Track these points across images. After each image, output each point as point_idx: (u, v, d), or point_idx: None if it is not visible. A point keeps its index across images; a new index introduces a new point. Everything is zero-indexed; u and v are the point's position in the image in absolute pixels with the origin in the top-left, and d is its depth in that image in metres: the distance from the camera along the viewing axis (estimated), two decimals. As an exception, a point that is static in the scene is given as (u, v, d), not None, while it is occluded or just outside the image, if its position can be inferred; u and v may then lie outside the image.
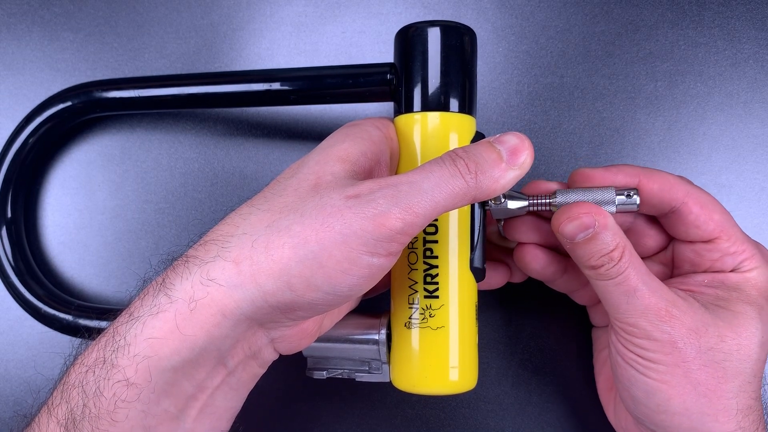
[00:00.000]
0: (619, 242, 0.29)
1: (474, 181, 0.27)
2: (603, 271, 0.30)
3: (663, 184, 0.32)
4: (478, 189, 0.27)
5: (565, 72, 0.40)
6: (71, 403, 0.27)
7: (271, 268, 0.26)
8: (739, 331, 0.30)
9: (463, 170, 0.27)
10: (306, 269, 0.26)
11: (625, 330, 0.30)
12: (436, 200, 0.26)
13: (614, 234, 0.29)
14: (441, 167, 0.27)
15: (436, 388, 0.32)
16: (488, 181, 0.27)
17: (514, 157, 0.28)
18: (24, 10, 0.44)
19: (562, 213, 0.30)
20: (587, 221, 0.29)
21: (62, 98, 0.40)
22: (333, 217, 0.26)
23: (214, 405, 0.29)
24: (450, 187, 0.26)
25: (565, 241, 0.30)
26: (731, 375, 0.29)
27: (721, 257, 0.32)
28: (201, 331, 0.26)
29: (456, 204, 0.27)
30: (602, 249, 0.29)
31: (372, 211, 0.25)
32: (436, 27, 0.32)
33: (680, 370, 0.29)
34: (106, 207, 0.43)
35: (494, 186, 0.27)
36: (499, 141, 0.28)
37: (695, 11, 0.39)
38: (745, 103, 0.39)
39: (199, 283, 0.26)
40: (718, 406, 0.29)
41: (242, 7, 0.42)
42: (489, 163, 0.27)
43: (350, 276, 0.26)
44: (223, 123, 0.42)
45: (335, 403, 0.40)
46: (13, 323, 0.43)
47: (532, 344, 0.40)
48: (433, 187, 0.26)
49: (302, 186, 0.28)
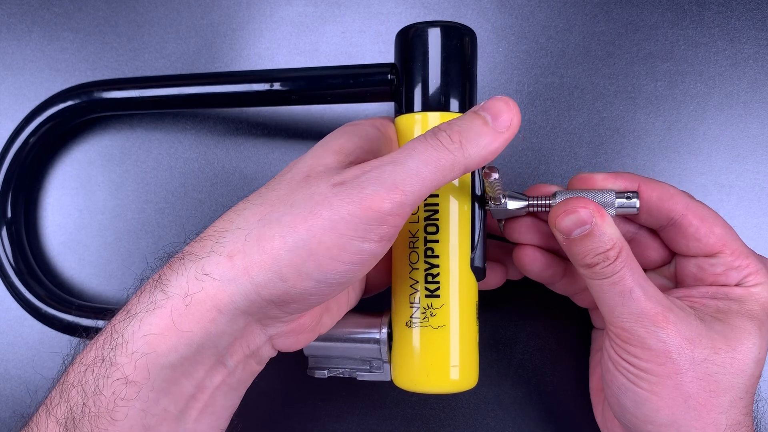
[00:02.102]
0: (616, 242, 0.29)
1: (460, 150, 0.26)
2: (598, 270, 0.29)
3: (662, 194, 0.32)
4: (467, 158, 0.27)
5: (565, 72, 0.40)
6: (70, 402, 0.27)
7: (263, 260, 0.26)
8: (733, 345, 0.29)
9: (446, 141, 0.26)
10: (296, 257, 0.26)
11: (620, 336, 0.30)
12: (423, 176, 0.26)
13: (612, 232, 0.29)
14: (423, 142, 0.27)
15: (438, 387, 0.32)
16: (476, 148, 0.27)
17: (500, 121, 0.27)
18: (24, 10, 0.44)
19: (559, 207, 0.30)
20: (585, 216, 0.29)
21: (62, 98, 0.40)
22: (320, 204, 0.26)
23: (214, 405, 0.29)
24: (435, 160, 0.26)
25: (562, 237, 0.30)
26: (723, 389, 0.29)
27: (725, 271, 0.31)
28: (197, 326, 0.26)
29: (446, 177, 0.26)
30: (598, 247, 0.29)
31: (358, 195, 0.25)
32: (437, 27, 0.32)
33: (672, 381, 0.29)
34: (106, 207, 0.43)
35: (483, 152, 0.27)
36: (483, 108, 0.28)
37: (695, 11, 0.40)
38: (745, 103, 0.39)
39: (194, 278, 0.26)
40: (707, 420, 0.29)
41: (242, 7, 0.42)
42: (474, 131, 0.27)
43: (341, 262, 0.26)
44: (223, 123, 0.42)
45: (335, 403, 0.40)
46: (12, 323, 0.43)
47: (532, 344, 0.40)
48: (417, 163, 0.26)
49: (295, 179, 0.28)
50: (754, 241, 0.34)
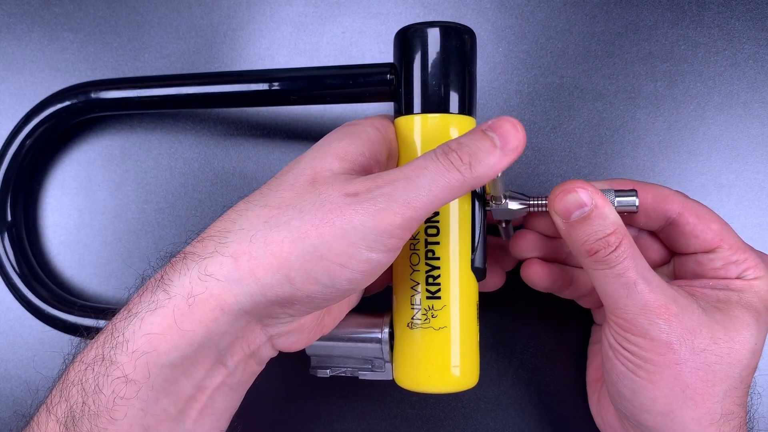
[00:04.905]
0: (617, 228, 0.29)
1: (469, 171, 0.27)
2: (600, 257, 0.29)
3: (657, 195, 0.32)
4: (475, 178, 0.27)
5: (565, 72, 0.40)
6: (70, 401, 0.27)
7: (271, 262, 0.26)
8: (732, 335, 0.29)
9: (456, 163, 0.27)
10: (306, 262, 0.26)
11: (622, 326, 0.30)
12: (434, 194, 0.27)
13: (613, 217, 0.29)
14: (435, 162, 0.27)
15: (439, 387, 0.32)
16: (483, 168, 0.27)
17: (508, 143, 0.28)
18: (24, 10, 0.44)
19: (557, 188, 0.30)
20: (583, 197, 0.29)
21: (60, 98, 0.40)
22: (332, 213, 0.26)
23: (213, 406, 0.29)
24: (445, 180, 0.27)
25: (561, 222, 0.30)
26: (719, 379, 0.29)
27: (724, 266, 0.32)
28: (199, 326, 0.26)
29: (454, 195, 0.27)
30: (599, 231, 0.29)
31: (371, 208, 0.26)
32: (436, 27, 0.32)
33: (671, 371, 0.29)
34: (106, 207, 0.43)
35: (490, 173, 0.28)
36: (491, 128, 0.28)
37: (695, 11, 0.40)
38: (745, 103, 0.39)
39: (198, 278, 0.26)
40: (702, 409, 0.29)
41: (242, 7, 0.42)
42: (483, 152, 0.28)
43: (349, 270, 0.26)
44: (223, 123, 0.42)
45: (336, 403, 0.40)
46: (12, 323, 0.43)
47: (532, 344, 0.40)
48: (429, 182, 0.27)
49: (299, 181, 0.28)
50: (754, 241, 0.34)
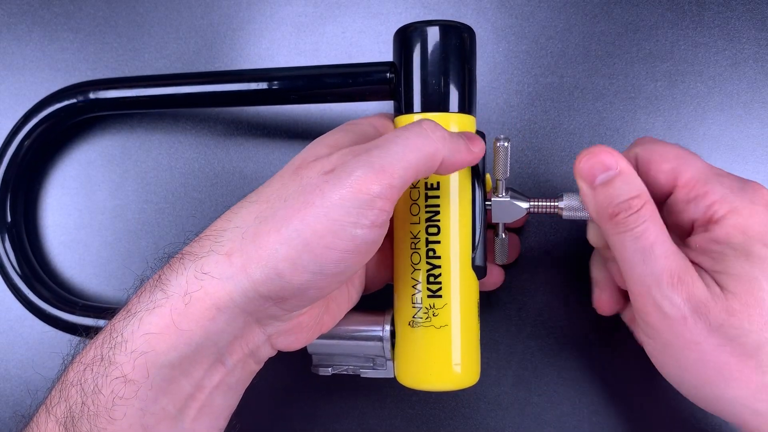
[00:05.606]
0: (641, 192, 0.28)
1: (442, 141, 0.28)
2: (621, 219, 0.28)
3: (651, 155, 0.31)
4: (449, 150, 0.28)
5: (565, 72, 0.40)
6: (70, 401, 0.27)
7: (260, 256, 0.26)
8: (744, 300, 0.27)
9: (430, 129, 0.28)
10: (291, 250, 0.26)
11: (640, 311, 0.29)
12: (408, 160, 0.27)
13: (638, 182, 0.29)
14: (408, 130, 0.28)
15: (441, 385, 0.33)
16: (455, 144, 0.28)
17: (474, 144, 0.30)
18: (24, 10, 0.44)
19: (583, 153, 0.29)
20: (609, 161, 0.29)
21: (58, 98, 0.40)
22: (312, 194, 0.26)
23: (212, 405, 0.29)
24: (419, 146, 0.27)
25: (586, 187, 0.29)
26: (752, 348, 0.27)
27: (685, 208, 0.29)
28: (197, 325, 0.26)
29: (428, 165, 0.27)
30: (622, 194, 0.28)
31: (347, 179, 0.26)
32: (436, 26, 0.32)
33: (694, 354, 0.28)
34: (106, 207, 0.43)
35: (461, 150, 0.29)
36: None
37: (695, 11, 0.39)
38: (745, 103, 0.39)
39: (194, 277, 0.27)
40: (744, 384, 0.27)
41: (242, 7, 0.42)
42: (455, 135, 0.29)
43: (335, 250, 0.26)
44: (223, 123, 0.42)
45: (335, 402, 0.40)
46: (12, 323, 0.43)
47: (531, 344, 0.40)
48: (403, 149, 0.27)
49: (286, 172, 0.29)
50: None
